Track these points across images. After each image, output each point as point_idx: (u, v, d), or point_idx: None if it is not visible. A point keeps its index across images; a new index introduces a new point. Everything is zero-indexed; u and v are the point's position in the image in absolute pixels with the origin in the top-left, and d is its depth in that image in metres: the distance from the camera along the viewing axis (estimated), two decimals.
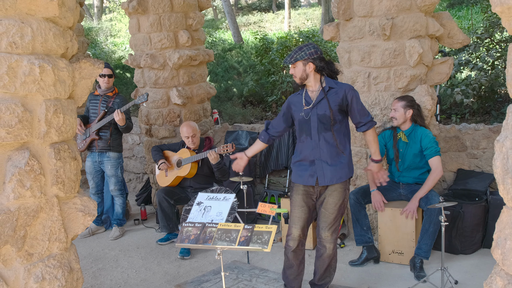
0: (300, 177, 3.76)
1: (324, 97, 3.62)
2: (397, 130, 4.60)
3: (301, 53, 3.59)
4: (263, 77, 11.07)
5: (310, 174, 3.70)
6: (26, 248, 2.30)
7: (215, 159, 5.08)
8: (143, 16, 6.12)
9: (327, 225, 3.72)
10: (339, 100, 3.61)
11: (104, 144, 5.63)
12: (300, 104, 3.73)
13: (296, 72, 3.65)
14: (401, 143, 4.56)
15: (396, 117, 4.49)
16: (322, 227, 3.74)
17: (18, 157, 2.24)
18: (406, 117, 4.48)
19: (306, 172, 3.72)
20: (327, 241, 3.76)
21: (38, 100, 2.31)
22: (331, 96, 3.63)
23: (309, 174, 3.71)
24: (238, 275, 4.42)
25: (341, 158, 3.67)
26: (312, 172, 3.69)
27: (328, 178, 3.66)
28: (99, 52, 16.39)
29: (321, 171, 3.67)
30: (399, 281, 4.28)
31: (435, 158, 4.39)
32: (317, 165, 3.68)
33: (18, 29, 2.18)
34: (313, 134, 3.66)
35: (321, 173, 3.67)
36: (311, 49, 3.60)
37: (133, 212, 6.63)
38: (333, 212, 3.70)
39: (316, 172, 3.68)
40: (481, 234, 4.81)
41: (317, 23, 20.12)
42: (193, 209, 3.23)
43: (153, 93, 6.25)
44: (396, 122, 4.51)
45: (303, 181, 3.74)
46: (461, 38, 4.93)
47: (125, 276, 4.70)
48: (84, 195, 2.66)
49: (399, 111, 4.48)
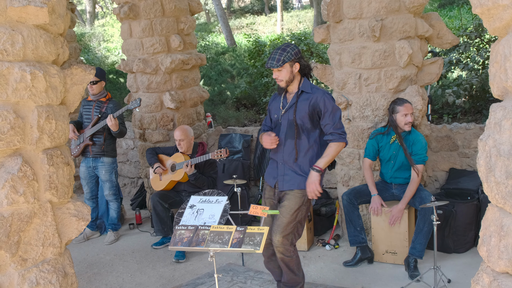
0: (267, 176, 3.80)
1: (295, 102, 3.52)
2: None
3: (287, 54, 3.44)
4: (256, 80, 11.10)
5: (274, 176, 3.71)
6: (20, 254, 2.31)
7: (189, 171, 5.12)
8: (135, 21, 6.14)
9: (279, 229, 3.54)
10: (309, 107, 3.49)
11: (98, 150, 5.64)
12: (277, 105, 3.71)
13: (282, 76, 3.50)
14: (394, 145, 4.58)
15: (412, 121, 4.51)
16: (274, 231, 3.57)
17: (11, 163, 2.26)
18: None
19: (273, 173, 3.73)
20: (278, 246, 3.57)
21: (30, 106, 2.33)
22: (301, 101, 3.52)
23: (273, 176, 3.72)
24: (233, 277, 4.44)
25: (304, 167, 3.58)
26: (275, 174, 3.69)
27: (286, 184, 3.61)
28: (92, 58, 16.38)
29: (282, 176, 3.64)
30: (393, 280, 4.31)
31: (419, 166, 4.45)
32: (279, 169, 3.66)
33: (8, 36, 2.20)
34: (280, 138, 3.62)
35: (281, 178, 3.64)
36: (295, 49, 3.49)
37: (128, 216, 6.64)
38: (287, 216, 3.54)
39: (278, 176, 3.67)
40: (474, 232, 4.85)
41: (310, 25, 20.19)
42: (186, 212, 3.25)
43: (146, 97, 6.27)
44: (408, 127, 4.50)
45: (269, 181, 3.77)
46: (450, 38, 4.98)
47: (120, 280, 4.71)
48: (77, 200, 2.68)
49: (413, 114, 4.52)
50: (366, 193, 4.67)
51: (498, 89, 1.69)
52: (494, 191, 1.62)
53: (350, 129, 5.02)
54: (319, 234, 5.49)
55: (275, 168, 3.71)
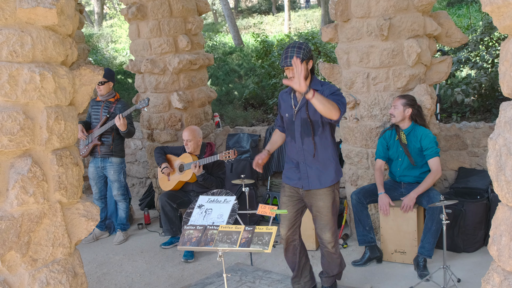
0: (287, 178, 3.82)
1: (307, 100, 3.49)
2: (399, 128, 4.60)
3: (303, 52, 3.45)
4: (264, 80, 11.10)
5: (298, 177, 3.74)
6: (30, 254, 2.32)
7: (197, 172, 5.12)
8: (143, 22, 6.16)
9: (327, 228, 3.78)
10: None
11: (106, 150, 5.66)
12: (288, 103, 3.73)
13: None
14: (401, 143, 4.57)
15: (395, 114, 4.51)
16: (321, 230, 3.81)
17: (21, 164, 2.27)
18: (405, 115, 4.50)
19: (294, 174, 3.76)
20: (330, 241, 3.82)
21: (39, 107, 2.34)
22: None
23: (297, 177, 3.75)
24: (242, 277, 4.45)
25: (325, 163, 3.67)
26: (299, 175, 3.73)
27: (313, 183, 3.68)
28: (100, 58, 16.46)
29: (306, 175, 3.69)
30: (402, 280, 4.29)
31: (434, 159, 4.42)
32: (301, 168, 3.71)
33: (18, 38, 2.22)
34: (296, 138, 3.67)
35: (305, 177, 3.69)
36: (308, 46, 3.52)
37: (136, 216, 6.67)
38: (328, 214, 3.74)
39: (301, 176, 3.71)
40: (483, 232, 4.82)
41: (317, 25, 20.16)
42: (194, 212, 3.25)
43: (154, 98, 6.28)
44: (394, 119, 4.53)
45: (291, 182, 3.80)
46: (459, 37, 4.95)
47: (130, 280, 4.73)
48: (86, 200, 2.69)
49: (398, 108, 4.50)
50: (375, 192, 4.65)
51: (508, 88, 1.68)
52: (505, 190, 1.61)
53: (358, 129, 5.01)
54: None
55: (295, 169, 3.76)
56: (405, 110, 4.48)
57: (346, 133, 5.17)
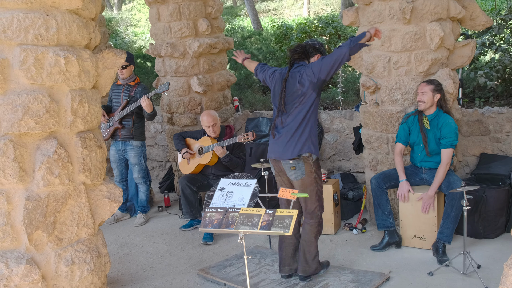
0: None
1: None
2: (422, 114, 4.56)
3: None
4: (283, 64, 11.04)
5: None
6: (56, 234, 2.38)
7: (222, 154, 5.15)
8: (163, 5, 6.16)
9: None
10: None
11: (127, 133, 5.72)
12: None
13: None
14: (423, 128, 4.52)
15: (424, 101, 4.45)
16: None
17: (46, 145, 2.32)
18: (434, 101, 4.45)
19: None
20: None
21: (64, 90, 2.38)
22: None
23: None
24: (261, 260, 4.49)
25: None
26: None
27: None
28: (120, 42, 16.53)
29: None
30: (421, 265, 4.28)
31: (448, 150, 4.37)
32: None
33: (43, 21, 2.25)
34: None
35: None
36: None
37: (156, 199, 6.75)
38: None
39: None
40: (505, 218, 4.77)
41: (337, 8, 19.89)
42: (216, 195, 3.28)
43: (174, 81, 6.31)
44: (423, 105, 4.47)
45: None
46: (484, 20, 4.85)
47: (150, 261, 4.81)
48: (110, 182, 2.74)
49: (427, 94, 4.44)
50: (395, 177, 4.63)
51: None
52: None
53: (378, 113, 4.97)
54: (346, 218, 5.48)
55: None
56: (434, 96, 4.43)
57: (366, 117, 5.14)
